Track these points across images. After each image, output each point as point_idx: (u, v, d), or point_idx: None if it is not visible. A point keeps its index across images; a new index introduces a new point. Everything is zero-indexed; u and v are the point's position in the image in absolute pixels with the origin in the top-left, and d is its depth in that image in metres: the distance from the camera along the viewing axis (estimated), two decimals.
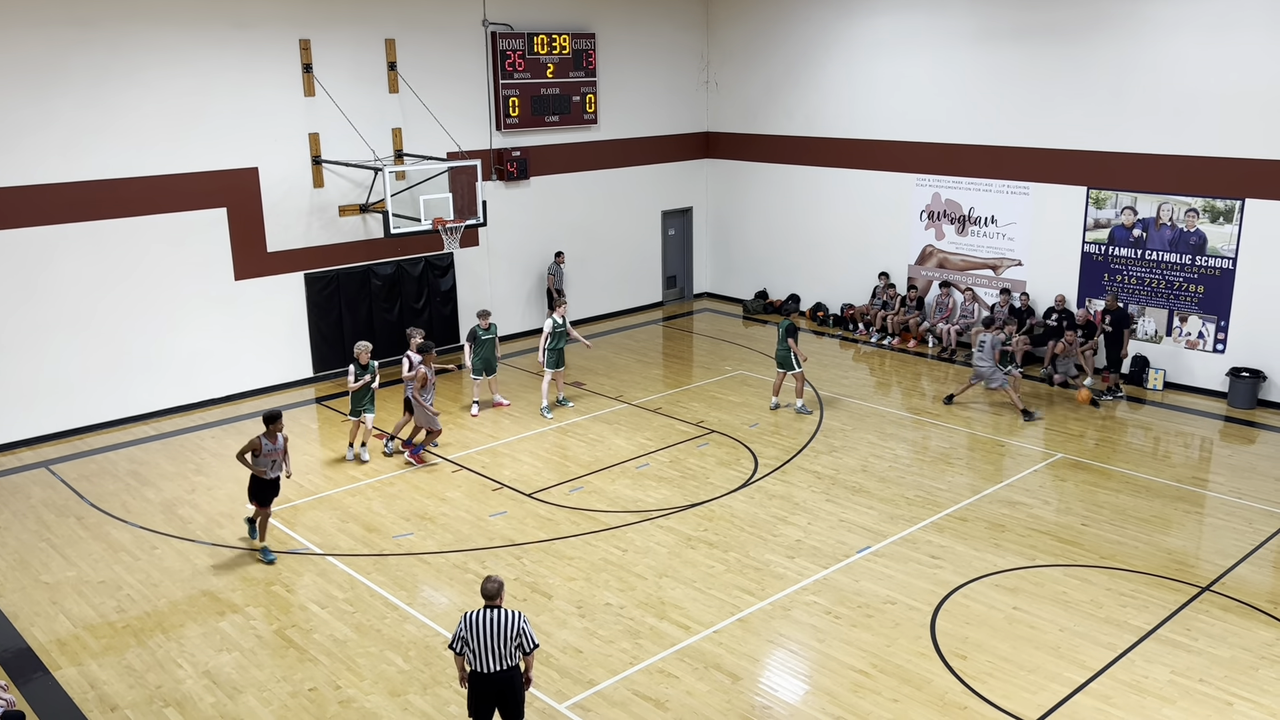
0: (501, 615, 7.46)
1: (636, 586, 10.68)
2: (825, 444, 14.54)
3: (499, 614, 7.46)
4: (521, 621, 7.48)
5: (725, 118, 22.59)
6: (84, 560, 11.50)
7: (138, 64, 15.01)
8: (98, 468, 14.12)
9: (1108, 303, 16.83)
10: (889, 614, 10.10)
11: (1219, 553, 11.30)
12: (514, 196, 19.70)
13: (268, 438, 11.11)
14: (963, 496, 12.76)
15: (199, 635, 9.94)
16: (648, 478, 13.45)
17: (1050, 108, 17.46)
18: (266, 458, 11.15)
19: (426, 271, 18.60)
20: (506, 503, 12.76)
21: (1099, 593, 10.43)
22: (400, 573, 11.08)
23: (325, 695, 8.95)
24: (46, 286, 14.73)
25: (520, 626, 7.46)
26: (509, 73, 19.05)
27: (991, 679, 9.02)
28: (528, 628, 7.50)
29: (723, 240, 23.30)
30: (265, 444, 11.10)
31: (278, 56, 16.33)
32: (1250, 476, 13.32)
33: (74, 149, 14.66)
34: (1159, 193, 16.48)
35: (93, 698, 9.00)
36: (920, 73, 19.09)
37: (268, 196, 16.60)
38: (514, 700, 7.61)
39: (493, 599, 7.54)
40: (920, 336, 19.43)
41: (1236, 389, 15.86)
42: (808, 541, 11.61)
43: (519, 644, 7.46)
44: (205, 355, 16.37)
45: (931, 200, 19.43)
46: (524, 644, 7.48)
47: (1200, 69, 15.69)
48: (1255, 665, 9.19)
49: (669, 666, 9.27)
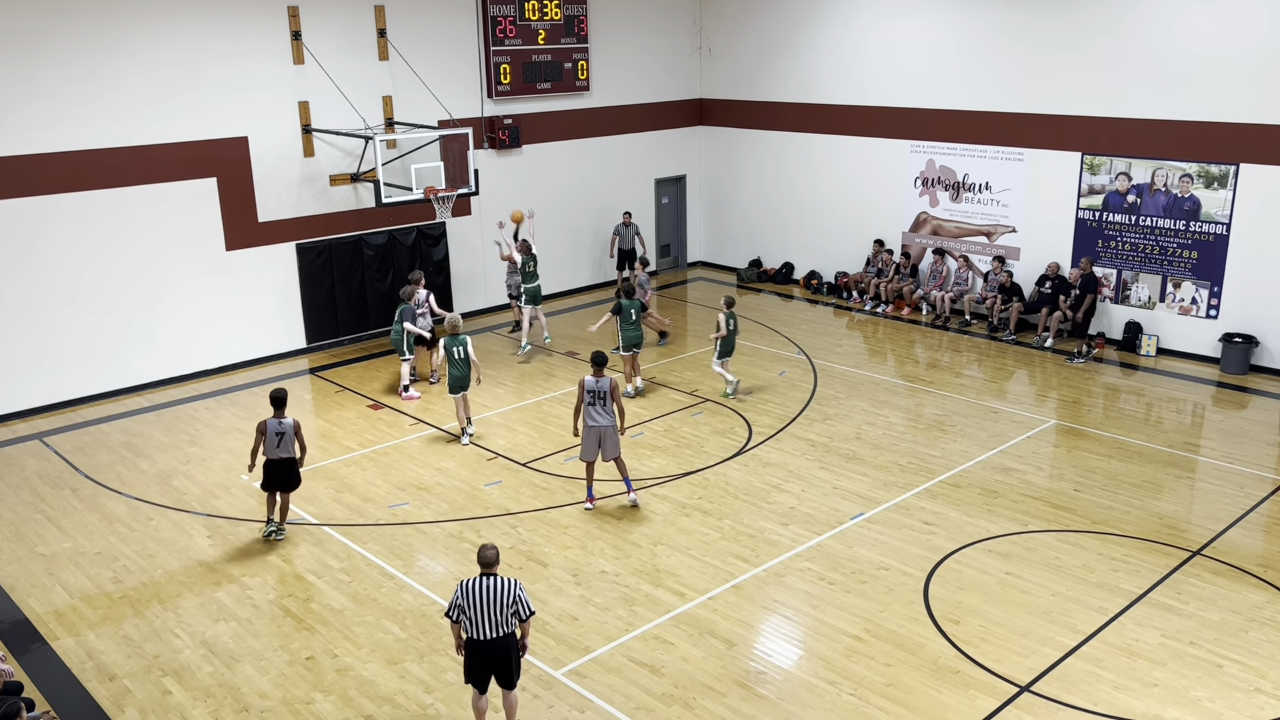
0: (497, 583, 7.49)
1: (632, 554, 10.73)
2: (819, 412, 14.57)
3: (495, 581, 7.50)
4: (517, 589, 7.52)
5: (719, 84, 22.43)
6: (79, 531, 11.51)
7: (125, 33, 14.84)
8: (92, 439, 14.11)
9: (1082, 265, 16.99)
10: (882, 580, 10.17)
11: (1210, 517, 11.38)
12: (506, 165, 19.58)
13: (273, 419, 10.83)
14: (956, 463, 12.81)
15: (196, 605, 9.98)
16: (642, 446, 13.47)
17: (1045, 73, 17.36)
18: (273, 437, 10.78)
19: (419, 241, 18.52)
20: (502, 472, 12.78)
21: (1091, 557, 10.51)
22: (396, 542, 11.12)
23: (322, 664, 9.01)
24: (37, 258, 14.64)
25: (515, 594, 7.50)
26: (500, 39, 18.88)
27: (984, 643, 9.10)
28: (523, 595, 7.54)
29: (716, 208, 23.21)
30: (270, 425, 10.77)
31: (266, 23, 16.15)
32: (1242, 441, 13.39)
33: (61, 119, 14.52)
34: (1153, 158, 16.43)
35: (91, 667, 9.04)
36: (915, 38, 18.96)
37: (258, 166, 16.48)
38: (509, 667, 7.68)
39: (489, 567, 7.58)
40: (914, 304, 19.43)
41: (1229, 354, 15.90)
42: (802, 508, 11.66)
43: (514, 611, 7.50)
44: (198, 326, 16.31)
45: (926, 167, 19.36)
46: (519, 611, 7.53)
47: (1195, 33, 15.60)
48: (1245, 628, 9.28)
49: (664, 633, 9.33)
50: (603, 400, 11.39)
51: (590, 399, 11.40)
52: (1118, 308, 17.27)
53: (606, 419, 11.45)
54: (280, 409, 10.82)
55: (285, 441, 10.82)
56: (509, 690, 7.81)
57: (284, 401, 10.86)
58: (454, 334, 13.42)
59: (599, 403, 11.41)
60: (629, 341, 14.96)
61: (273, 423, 10.77)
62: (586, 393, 11.39)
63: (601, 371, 11.54)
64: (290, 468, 10.96)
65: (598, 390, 11.38)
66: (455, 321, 13.56)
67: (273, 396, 10.87)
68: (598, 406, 11.41)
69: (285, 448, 10.84)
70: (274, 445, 10.80)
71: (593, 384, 11.38)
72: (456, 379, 13.42)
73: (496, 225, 18.60)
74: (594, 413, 11.43)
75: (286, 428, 10.79)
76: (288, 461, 10.92)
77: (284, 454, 10.87)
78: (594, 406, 11.42)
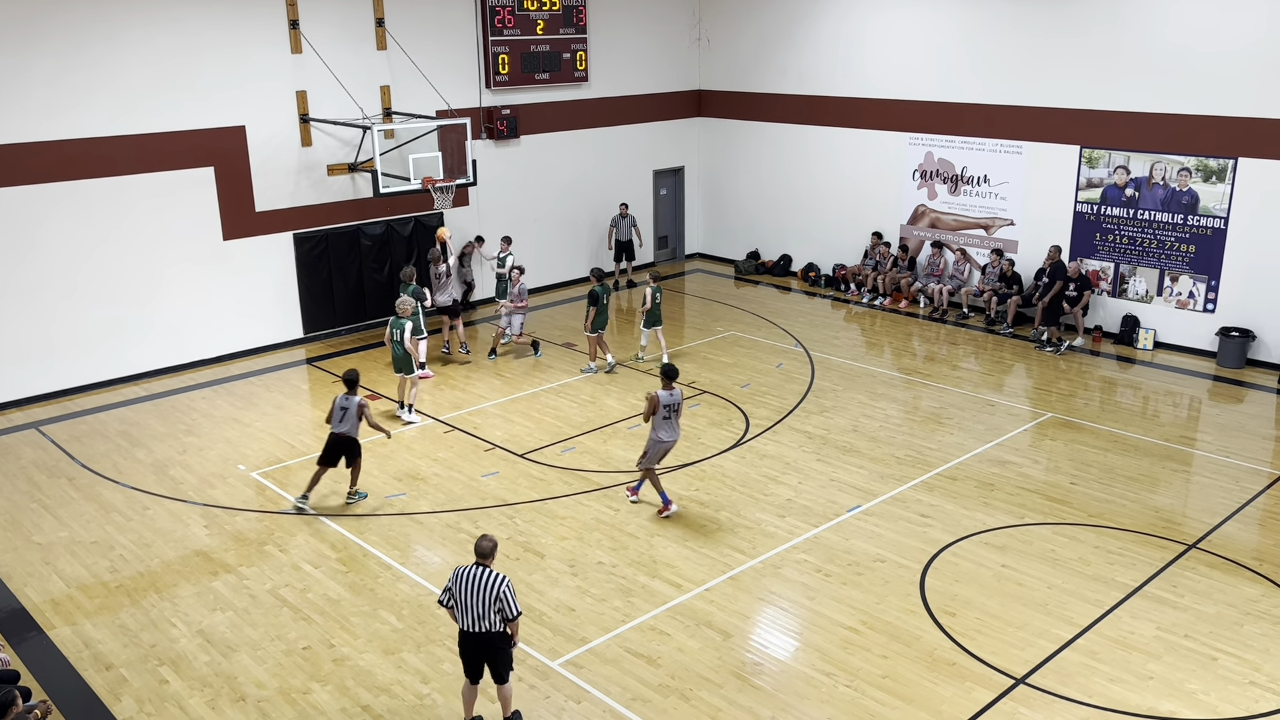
0: (486, 575, 7.50)
1: (628, 545, 10.73)
2: (816, 404, 14.58)
3: (485, 573, 7.51)
4: (503, 587, 7.47)
5: (717, 75, 22.39)
6: (76, 521, 11.50)
7: (122, 22, 14.78)
8: (88, 428, 14.09)
9: (1050, 253, 17.11)
10: (879, 572, 10.18)
11: (1206, 511, 11.40)
12: (504, 155, 19.54)
13: (342, 396, 11.44)
14: (952, 456, 12.82)
15: (192, 595, 9.98)
16: (640, 438, 13.46)
17: (1044, 66, 17.34)
18: (338, 412, 11.38)
19: (416, 231, 18.49)
20: (499, 463, 12.78)
21: (1087, 550, 10.53)
22: (393, 532, 11.12)
23: (319, 654, 9.01)
24: (33, 247, 14.60)
25: (501, 591, 7.45)
26: (498, 29, 18.82)
27: (980, 635, 9.12)
28: (509, 595, 7.48)
29: (714, 200, 23.19)
30: (337, 401, 11.43)
31: (264, 12, 16.09)
32: (1238, 435, 13.41)
33: (58, 108, 14.47)
34: (1152, 151, 16.43)
35: (87, 657, 9.04)
36: (914, 30, 18.92)
37: (255, 155, 16.43)
38: (495, 661, 7.69)
39: (484, 558, 7.59)
40: (912, 297, 19.42)
41: (1226, 348, 15.92)
42: (798, 500, 11.67)
43: (499, 609, 7.48)
44: (194, 316, 16.29)
45: (924, 159, 19.34)
46: (505, 610, 7.48)
47: (1194, 27, 15.57)
48: (1240, 621, 9.31)
49: (661, 624, 9.34)
50: (676, 414, 11.15)
51: (666, 413, 11.09)
52: (1115, 301, 17.28)
53: (678, 433, 11.28)
54: (351, 388, 11.49)
55: (346, 418, 11.38)
56: (501, 684, 7.82)
57: (355, 382, 11.56)
58: (399, 316, 14.02)
59: (674, 416, 11.14)
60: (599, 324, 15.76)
61: (339, 399, 11.42)
62: (663, 407, 11.03)
63: (673, 385, 11.23)
64: (347, 444, 11.51)
65: (672, 404, 11.09)
66: (404, 304, 14.10)
67: (344, 377, 11.61)
68: (673, 420, 11.16)
69: (346, 424, 11.39)
70: (336, 420, 11.40)
71: (667, 398, 11.05)
72: (396, 359, 14.03)
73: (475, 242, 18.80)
74: (671, 427, 11.15)
75: (350, 405, 11.37)
76: (346, 438, 11.46)
77: (343, 430, 11.40)
78: (669, 420, 11.14)
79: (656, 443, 11.21)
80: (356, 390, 11.54)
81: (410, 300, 14.28)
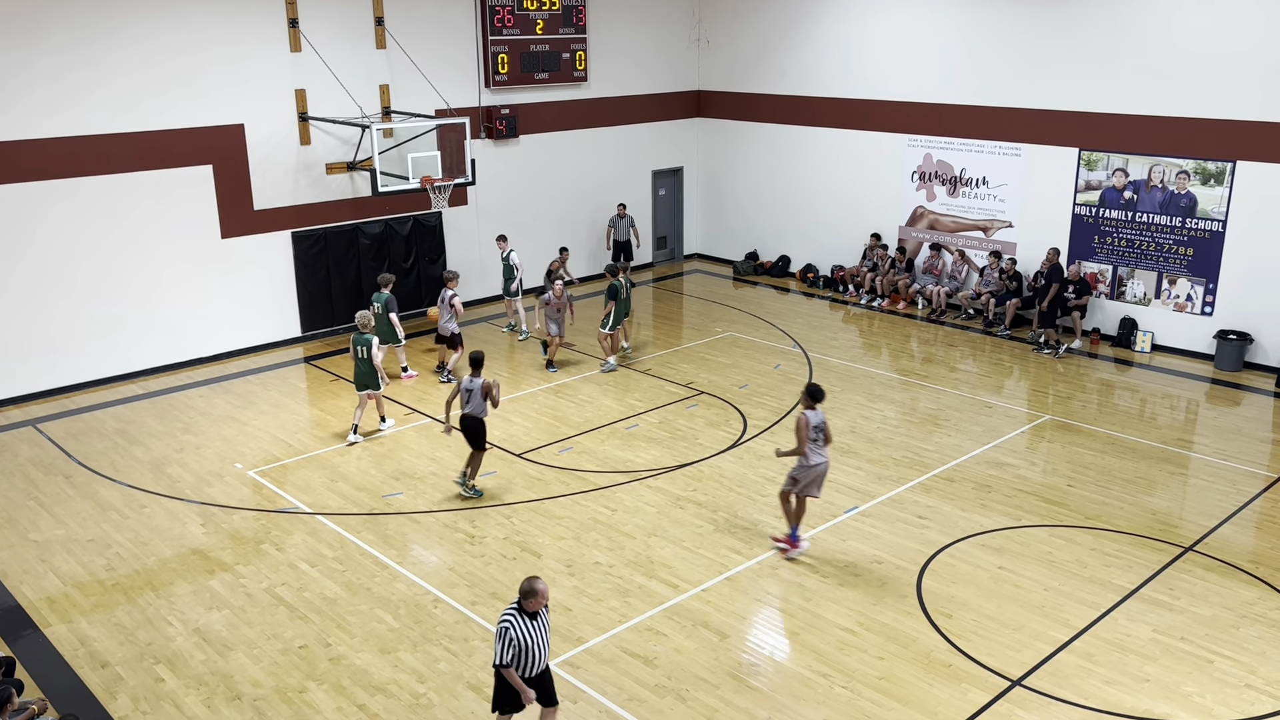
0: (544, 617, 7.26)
1: (625, 545, 10.73)
2: None
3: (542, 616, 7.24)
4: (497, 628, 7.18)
5: (717, 76, 22.39)
6: (72, 518, 11.49)
7: (124, 20, 14.78)
8: (85, 426, 14.07)
9: (1049, 256, 17.12)
10: (876, 573, 10.18)
11: (1203, 513, 11.41)
12: (503, 155, 19.54)
13: (469, 377, 11.61)
14: (950, 457, 12.83)
15: (189, 593, 9.97)
16: (637, 438, 13.47)
17: (1043, 68, 17.35)
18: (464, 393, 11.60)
19: (415, 230, 18.48)
20: (496, 463, 12.77)
21: (1083, 553, 10.53)
22: (390, 532, 11.12)
23: (315, 652, 9.00)
24: (32, 244, 14.59)
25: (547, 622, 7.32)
26: (498, 29, 18.82)
27: (976, 637, 9.12)
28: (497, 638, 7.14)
29: (713, 201, 23.19)
30: (463, 383, 11.61)
31: (263, 10, 16.08)
32: (1235, 438, 13.42)
33: (59, 105, 14.46)
34: (1150, 154, 16.44)
35: (83, 654, 9.03)
36: (914, 32, 18.93)
37: (254, 154, 16.43)
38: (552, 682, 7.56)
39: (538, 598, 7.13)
40: (910, 298, 19.43)
41: (1223, 351, 15.93)
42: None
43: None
44: (192, 314, 16.27)
45: (923, 161, 19.34)
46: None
47: (1194, 30, 15.59)
48: (1236, 624, 9.32)
49: (657, 624, 9.34)
50: (824, 435, 10.30)
51: (814, 435, 10.22)
52: (1113, 304, 17.29)
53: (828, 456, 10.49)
54: (476, 369, 11.70)
55: (473, 399, 11.59)
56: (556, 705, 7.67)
57: (480, 363, 11.78)
58: (361, 331, 13.22)
59: (820, 437, 10.28)
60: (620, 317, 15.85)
61: (466, 380, 11.62)
62: (811, 429, 10.20)
63: (815, 404, 10.33)
64: (477, 425, 11.65)
65: (820, 425, 10.25)
66: (365, 318, 13.32)
67: (471, 358, 11.82)
68: (819, 442, 10.29)
69: (473, 405, 11.59)
70: (464, 402, 11.65)
71: (815, 418, 10.21)
72: (359, 375, 13.32)
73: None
74: (820, 450, 10.28)
75: (475, 386, 11.57)
76: (474, 419, 11.62)
77: (472, 411, 11.60)
78: (817, 442, 10.26)
79: (808, 469, 10.28)
80: (481, 371, 11.75)
81: (367, 314, 13.37)
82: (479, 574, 10.22)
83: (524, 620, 7.11)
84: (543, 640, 7.22)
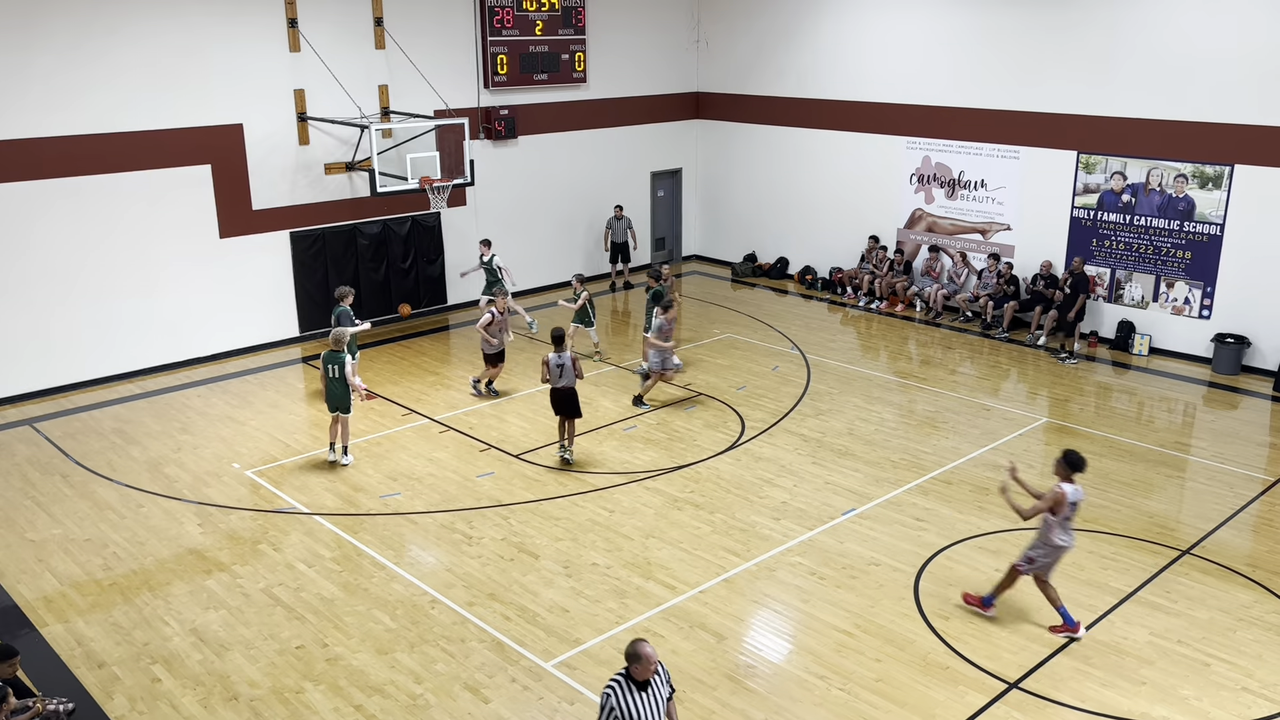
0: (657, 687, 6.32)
1: (623, 547, 10.73)
2: (812, 407, 14.58)
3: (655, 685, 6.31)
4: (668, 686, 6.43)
5: (716, 78, 22.40)
6: (70, 518, 11.48)
7: (121, 18, 14.76)
8: (82, 426, 14.06)
9: (1074, 265, 17.02)
10: (873, 575, 10.18)
11: (1200, 517, 11.42)
12: (502, 156, 19.54)
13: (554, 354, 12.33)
14: (948, 460, 12.83)
15: (186, 593, 9.96)
16: (635, 440, 13.47)
17: (1042, 71, 17.36)
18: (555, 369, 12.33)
19: (413, 231, 18.48)
20: (494, 464, 12.77)
21: (1080, 555, 10.53)
22: (388, 532, 11.11)
23: (312, 653, 9.00)
24: (29, 243, 14.57)
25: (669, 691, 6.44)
26: (497, 29, 18.82)
27: (973, 639, 9.12)
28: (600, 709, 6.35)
29: (712, 202, 23.20)
30: (551, 359, 12.34)
31: (262, 10, 16.08)
32: (1232, 442, 13.43)
33: (56, 104, 14.44)
34: (1149, 158, 16.46)
35: (80, 654, 9.02)
36: (912, 34, 18.95)
37: (252, 154, 16.42)
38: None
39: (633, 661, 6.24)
40: (908, 300, 19.44)
41: (1221, 355, 15.95)
42: (793, 503, 11.67)
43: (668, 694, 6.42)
44: (190, 314, 16.26)
45: (922, 163, 19.36)
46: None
47: (1192, 33, 15.61)
48: (1233, 627, 9.32)
49: (655, 626, 9.34)
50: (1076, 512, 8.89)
51: (1070, 513, 8.80)
52: (1111, 307, 17.31)
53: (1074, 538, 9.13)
54: (560, 345, 12.39)
55: (566, 373, 12.36)
56: None
57: (562, 339, 12.47)
58: (334, 349, 12.43)
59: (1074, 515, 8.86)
60: None
61: (553, 357, 12.35)
62: (1069, 505, 8.77)
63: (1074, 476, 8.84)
64: (572, 396, 12.48)
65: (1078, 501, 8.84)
66: (339, 336, 12.55)
67: (553, 335, 12.55)
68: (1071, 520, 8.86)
69: (566, 378, 12.37)
70: (557, 377, 12.37)
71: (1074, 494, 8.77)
72: (331, 396, 12.50)
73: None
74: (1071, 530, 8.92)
75: (565, 360, 12.33)
76: (569, 390, 12.44)
77: (566, 384, 12.39)
78: (1069, 521, 8.84)
79: (1052, 549, 8.91)
80: (565, 346, 12.37)
81: (342, 331, 12.69)
82: (476, 575, 10.22)
83: (630, 691, 6.12)
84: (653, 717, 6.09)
